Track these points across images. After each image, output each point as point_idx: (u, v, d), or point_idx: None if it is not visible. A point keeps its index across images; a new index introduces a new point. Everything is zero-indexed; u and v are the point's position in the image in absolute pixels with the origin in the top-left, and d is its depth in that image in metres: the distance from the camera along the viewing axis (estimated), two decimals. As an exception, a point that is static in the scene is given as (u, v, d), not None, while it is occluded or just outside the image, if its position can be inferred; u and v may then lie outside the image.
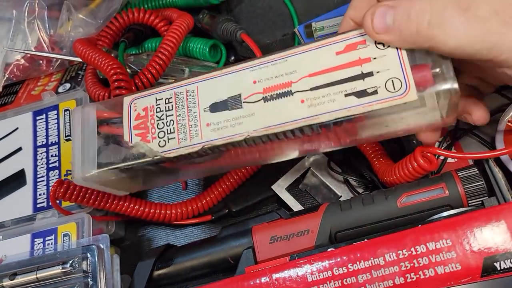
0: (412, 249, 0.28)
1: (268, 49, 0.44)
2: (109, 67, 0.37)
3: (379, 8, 0.27)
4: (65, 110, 0.42)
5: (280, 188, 0.39)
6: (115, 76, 0.37)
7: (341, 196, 0.39)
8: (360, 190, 0.38)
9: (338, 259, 0.29)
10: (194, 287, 0.32)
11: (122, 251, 0.41)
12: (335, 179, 0.39)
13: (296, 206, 0.38)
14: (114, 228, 0.41)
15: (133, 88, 0.38)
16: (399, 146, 0.38)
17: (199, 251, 0.36)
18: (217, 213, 0.40)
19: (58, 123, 0.41)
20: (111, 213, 0.40)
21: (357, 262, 0.29)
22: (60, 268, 0.34)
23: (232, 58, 0.47)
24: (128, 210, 0.38)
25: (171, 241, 0.41)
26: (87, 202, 0.36)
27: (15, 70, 0.47)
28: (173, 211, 0.40)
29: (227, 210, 0.40)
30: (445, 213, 0.29)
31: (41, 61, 0.48)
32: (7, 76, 0.47)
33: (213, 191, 0.41)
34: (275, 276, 0.30)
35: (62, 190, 0.35)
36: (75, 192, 0.35)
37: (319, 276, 0.29)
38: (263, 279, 0.30)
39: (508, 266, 0.26)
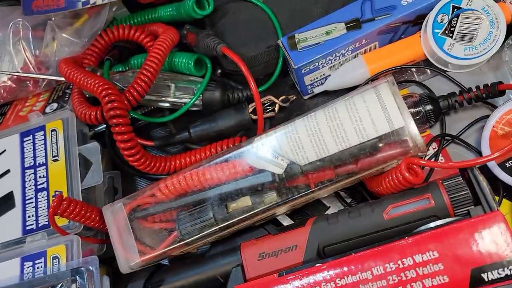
0: (399, 262, 0.28)
1: (253, 62, 0.44)
2: (99, 87, 0.37)
3: None
4: (52, 131, 0.42)
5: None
6: (107, 98, 0.36)
7: (329, 207, 0.38)
8: (349, 200, 0.38)
9: (326, 275, 0.29)
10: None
11: (114, 271, 0.41)
12: (324, 190, 0.39)
13: (284, 219, 0.38)
14: (105, 247, 0.41)
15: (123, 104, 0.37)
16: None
17: (189, 270, 0.36)
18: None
19: (45, 143, 0.41)
20: (101, 233, 0.40)
21: (345, 277, 0.29)
22: (49, 292, 0.33)
23: (219, 71, 0.47)
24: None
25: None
26: (85, 220, 0.36)
27: (2, 91, 0.47)
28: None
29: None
30: (431, 224, 0.29)
31: (28, 82, 0.47)
32: (-5, 97, 0.47)
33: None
34: (264, 293, 0.30)
35: (63, 206, 0.34)
36: (76, 210, 0.35)
37: (308, 292, 0.29)
38: (252, 299, 0.30)
39: (496, 277, 0.26)
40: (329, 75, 0.42)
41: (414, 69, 0.41)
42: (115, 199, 0.44)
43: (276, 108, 0.44)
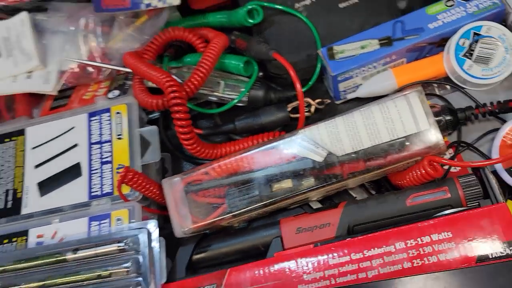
0: (419, 239, 0.34)
1: (294, 67, 0.50)
2: (162, 78, 0.43)
3: None
4: (117, 113, 0.48)
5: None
6: (170, 88, 0.43)
7: (356, 197, 0.44)
8: (373, 192, 0.44)
9: (356, 246, 0.35)
10: (235, 266, 0.38)
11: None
12: (351, 183, 0.44)
13: (315, 205, 0.44)
14: (155, 217, 0.46)
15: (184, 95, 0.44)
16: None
17: (233, 239, 0.41)
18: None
19: (110, 123, 0.47)
20: (155, 205, 0.46)
21: (372, 249, 0.35)
22: (116, 246, 0.39)
23: (261, 73, 0.53)
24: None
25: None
26: (145, 191, 0.42)
27: (69, 77, 0.53)
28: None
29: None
30: (446, 211, 0.35)
31: (92, 70, 0.54)
32: (62, 82, 0.53)
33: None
34: (301, 259, 0.36)
35: (129, 176, 0.40)
36: (139, 180, 0.41)
37: (339, 260, 0.35)
38: (291, 262, 0.36)
39: (498, 256, 0.32)
40: (361, 84, 0.48)
41: (436, 85, 0.47)
42: (165, 176, 0.50)
43: (312, 109, 0.50)
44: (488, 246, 0.32)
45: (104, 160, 0.46)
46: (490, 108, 0.42)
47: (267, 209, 0.41)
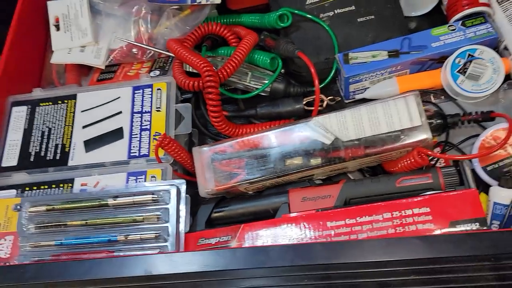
0: (402, 211, 0.41)
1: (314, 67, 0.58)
2: (201, 63, 0.52)
3: None
4: (158, 89, 0.56)
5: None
6: (206, 72, 0.51)
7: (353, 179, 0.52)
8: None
9: (350, 214, 0.43)
10: (248, 223, 0.45)
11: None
12: (352, 169, 0.52)
13: (319, 182, 0.51)
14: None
15: (218, 79, 0.52)
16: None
17: (248, 202, 0.49)
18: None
19: (151, 97, 0.55)
20: (181, 170, 0.54)
21: (363, 217, 0.42)
22: (150, 196, 0.47)
23: (283, 70, 0.61)
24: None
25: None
26: (176, 156, 0.50)
27: (117, 54, 0.61)
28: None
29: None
30: (428, 193, 0.43)
31: (137, 51, 0.62)
32: (111, 58, 0.61)
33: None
34: (305, 221, 0.44)
35: (166, 141, 0.48)
36: (173, 146, 0.49)
37: (335, 223, 0.43)
38: (296, 222, 0.44)
39: (465, 229, 0.39)
40: (368, 87, 0.56)
41: (432, 94, 0.55)
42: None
43: (324, 104, 0.57)
44: (458, 221, 0.40)
45: (143, 127, 0.54)
46: (474, 116, 0.49)
47: (278, 180, 0.48)
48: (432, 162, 0.49)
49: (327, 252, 0.37)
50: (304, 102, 0.57)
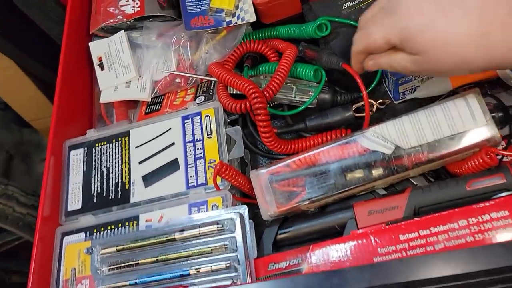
0: (479, 217, 0.40)
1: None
2: (246, 86, 0.51)
3: None
4: (206, 116, 0.56)
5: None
6: (253, 94, 0.51)
7: (416, 185, 0.50)
8: (432, 180, 0.50)
9: (423, 224, 0.41)
10: (316, 243, 0.45)
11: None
12: (413, 173, 0.51)
13: (382, 191, 0.50)
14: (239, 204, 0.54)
15: (265, 99, 0.51)
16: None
17: (312, 220, 0.49)
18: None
19: (201, 125, 0.56)
20: (238, 193, 0.54)
21: (437, 226, 0.41)
22: (216, 226, 0.47)
23: (326, 79, 0.60)
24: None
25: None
26: (234, 181, 0.50)
27: (161, 86, 0.62)
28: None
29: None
30: (503, 194, 0.41)
31: (179, 80, 0.62)
32: (156, 90, 0.62)
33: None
34: (375, 236, 0.43)
35: (223, 169, 0.48)
36: (230, 173, 0.49)
37: (408, 236, 0.41)
38: (366, 238, 0.43)
39: (550, 231, 0.37)
40: (418, 86, 0.54)
41: (487, 85, 0.52)
42: (246, 170, 0.58)
43: (374, 109, 0.56)
44: (542, 223, 0.37)
45: (197, 156, 0.54)
46: (539, 105, 0.47)
47: (340, 196, 0.47)
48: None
49: (405, 268, 0.36)
50: (353, 109, 0.56)
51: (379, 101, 0.56)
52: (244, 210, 0.49)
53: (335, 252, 0.44)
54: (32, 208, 1.16)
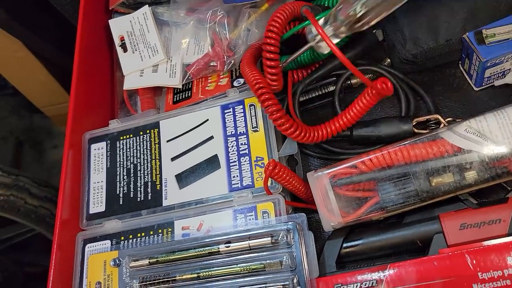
0: None
1: (431, 53, 0.47)
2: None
3: None
4: (250, 105, 0.48)
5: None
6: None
7: (510, 190, 0.41)
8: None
9: (540, 245, 0.33)
10: (395, 262, 0.37)
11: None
12: None
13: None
14: (291, 211, 0.46)
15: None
16: None
17: (386, 233, 0.40)
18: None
19: (244, 116, 0.47)
20: (289, 196, 0.46)
21: (561, 248, 0.32)
22: (270, 239, 0.39)
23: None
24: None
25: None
26: (288, 184, 0.41)
27: (194, 70, 0.54)
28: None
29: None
30: None
31: (215, 63, 0.54)
32: (188, 75, 0.53)
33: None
34: (474, 257, 0.34)
35: (277, 170, 0.40)
36: (284, 174, 0.41)
37: (520, 259, 0.33)
38: (463, 259, 0.34)
39: None
40: (510, 69, 0.45)
41: None
42: (296, 169, 0.49)
43: (441, 126, 0.45)
44: None
45: (241, 152, 0.46)
46: None
47: (422, 204, 0.39)
48: None
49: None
50: (414, 123, 0.46)
51: (448, 119, 0.45)
52: (302, 219, 0.40)
53: (421, 275, 0.36)
54: (45, 200, 1.10)
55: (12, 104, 1.57)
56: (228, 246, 0.40)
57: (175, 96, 0.55)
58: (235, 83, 0.52)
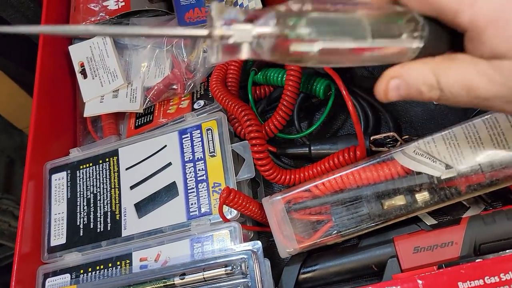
0: None
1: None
2: (246, 121, 0.43)
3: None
4: (207, 129, 0.47)
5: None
6: (252, 134, 0.43)
7: (469, 207, 0.41)
8: (489, 201, 0.40)
9: (490, 269, 0.32)
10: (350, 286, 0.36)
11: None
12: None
13: (429, 219, 0.41)
14: (252, 234, 0.45)
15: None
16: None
17: (342, 257, 0.39)
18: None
19: (202, 141, 0.47)
20: (251, 221, 0.45)
21: (510, 272, 0.31)
22: (224, 270, 0.39)
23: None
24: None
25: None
26: (245, 210, 0.41)
27: (154, 94, 0.53)
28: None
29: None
30: None
31: (176, 85, 0.53)
32: (148, 99, 0.53)
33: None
34: (425, 283, 0.33)
35: (231, 197, 0.39)
36: (239, 201, 0.40)
37: (470, 284, 0.32)
38: (414, 286, 0.34)
39: None
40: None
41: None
42: (257, 191, 0.49)
43: (398, 144, 0.43)
44: None
45: (199, 178, 0.45)
46: None
47: (376, 227, 0.38)
48: None
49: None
50: (371, 140, 0.44)
51: (405, 137, 0.43)
52: (258, 247, 0.40)
53: (376, 303, 0.35)
54: (29, 221, 1.09)
55: (1, 122, 1.57)
56: (183, 278, 0.40)
57: (137, 120, 0.54)
58: (195, 105, 0.51)
